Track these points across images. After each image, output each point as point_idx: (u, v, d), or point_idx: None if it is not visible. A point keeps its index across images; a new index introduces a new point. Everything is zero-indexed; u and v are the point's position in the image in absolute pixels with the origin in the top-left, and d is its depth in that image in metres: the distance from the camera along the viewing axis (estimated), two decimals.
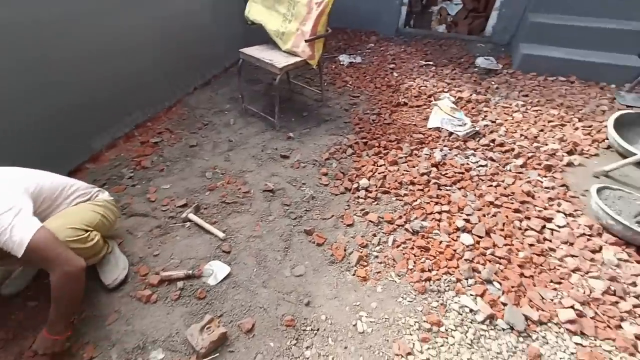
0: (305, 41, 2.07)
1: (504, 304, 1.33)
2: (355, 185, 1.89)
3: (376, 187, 1.88)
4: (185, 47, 2.56)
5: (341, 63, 3.34)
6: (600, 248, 1.53)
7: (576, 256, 1.50)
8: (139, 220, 1.68)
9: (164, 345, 1.20)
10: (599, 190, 1.68)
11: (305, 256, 1.53)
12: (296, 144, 2.27)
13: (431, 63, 3.31)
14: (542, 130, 2.34)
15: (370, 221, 1.69)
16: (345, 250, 1.55)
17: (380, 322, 1.28)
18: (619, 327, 1.26)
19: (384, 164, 2.05)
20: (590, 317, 1.28)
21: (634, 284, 1.39)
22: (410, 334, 1.24)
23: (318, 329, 1.26)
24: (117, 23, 1.96)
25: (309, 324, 1.27)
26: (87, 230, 1.20)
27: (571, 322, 1.25)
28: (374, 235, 1.62)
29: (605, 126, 2.21)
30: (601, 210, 1.57)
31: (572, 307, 1.30)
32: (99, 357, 1.16)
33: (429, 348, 1.20)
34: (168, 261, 1.49)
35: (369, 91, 2.88)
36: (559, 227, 1.65)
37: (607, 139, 2.17)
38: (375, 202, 1.81)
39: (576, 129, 2.34)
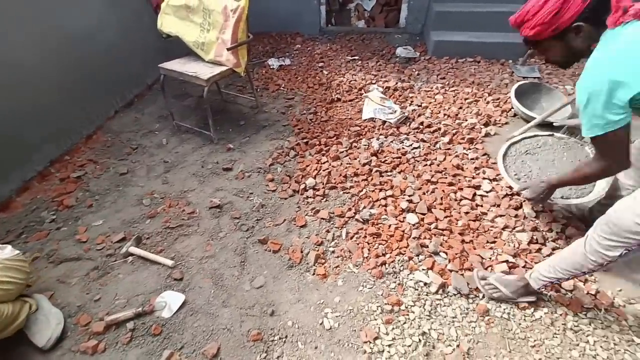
0: (228, 49, 2.03)
1: (451, 271, 1.45)
2: (302, 186, 1.91)
3: (323, 184, 1.91)
4: (96, 68, 2.33)
5: (271, 67, 3.33)
6: (521, 204, 1.76)
7: (503, 215, 1.70)
8: (71, 266, 1.51)
9: None
10: (507, 152, 1.79)
11: (263, 266, 1.51)
12: (237, 154, 2.22)
13: (357, 58, 3.46)
14: (460, 108, 2.59)
15: (322, 218, 1.72)
16: (302, 252, 1.56)
17: (345, 314, 1.32)
18: None
19: (327, 161, 2.10)
20: (522, 267, 1.46)
21: (550, 230, 1.62)
22: (375, 319, 1.30)
23: (286, 336, 1.25)
24: (4, 49, 1.71)
25: (277, 333, 1.26)
26: None
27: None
28: (328, 231, 1.66)
29: (509, 97, 2.53)
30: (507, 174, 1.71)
31: (505, 261, 1.47)
32: None
33: (393, 328, 1.27)
34: (112, 303, 1.36)
35: (302, 91, 2.92)
36: (487, 192, 1.85)
37: (512, 108, 2.49)
38: (324, 199, 1.85)
39: (488, 102, 2.64)
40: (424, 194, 1.84)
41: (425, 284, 1.42)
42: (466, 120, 2.44)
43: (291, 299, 1.38)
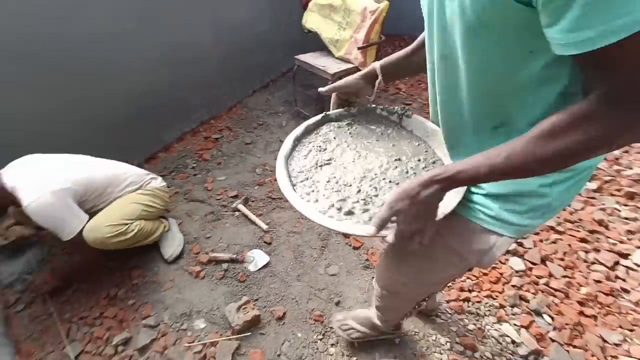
0: (358, 48, 2.11)
1: (553, 340, 1.19)
2: None
3: None
4: (247, 54, 2.76)
5: None
6: None
7: None
8: (196, 206, 1.88)
9: (206, 316, 1.32)
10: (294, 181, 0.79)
11: (340, 257, 1.56)
12: None
13: None
14: (626, 152, 2.04)
15: None
16: (380, 257, 1.53)
17: (409, 334, 1.25)
18: None
19: None
20: None
21: None
22: (440, 353, 1.19)
23: None
24: (185, 36, 2.19)
25: None
26: (126, 224, 1.34)
27: None
28: None
29: None
30: None
31: None
32: (154, 316, 1.33)
33: None
34: (217, 244, 1.64)
35: (422, 99, 2.80)
36: (638, 265, 1.43)
37: None
38: None
39: None
40: (540, 240, 1.55)
41: (513, 341, 1.21)
42: (631, 168, 1.91)
43: (359, 297, 1.39)
